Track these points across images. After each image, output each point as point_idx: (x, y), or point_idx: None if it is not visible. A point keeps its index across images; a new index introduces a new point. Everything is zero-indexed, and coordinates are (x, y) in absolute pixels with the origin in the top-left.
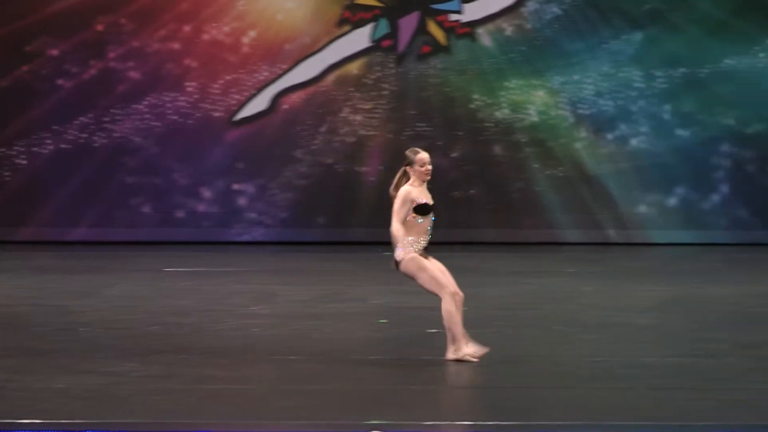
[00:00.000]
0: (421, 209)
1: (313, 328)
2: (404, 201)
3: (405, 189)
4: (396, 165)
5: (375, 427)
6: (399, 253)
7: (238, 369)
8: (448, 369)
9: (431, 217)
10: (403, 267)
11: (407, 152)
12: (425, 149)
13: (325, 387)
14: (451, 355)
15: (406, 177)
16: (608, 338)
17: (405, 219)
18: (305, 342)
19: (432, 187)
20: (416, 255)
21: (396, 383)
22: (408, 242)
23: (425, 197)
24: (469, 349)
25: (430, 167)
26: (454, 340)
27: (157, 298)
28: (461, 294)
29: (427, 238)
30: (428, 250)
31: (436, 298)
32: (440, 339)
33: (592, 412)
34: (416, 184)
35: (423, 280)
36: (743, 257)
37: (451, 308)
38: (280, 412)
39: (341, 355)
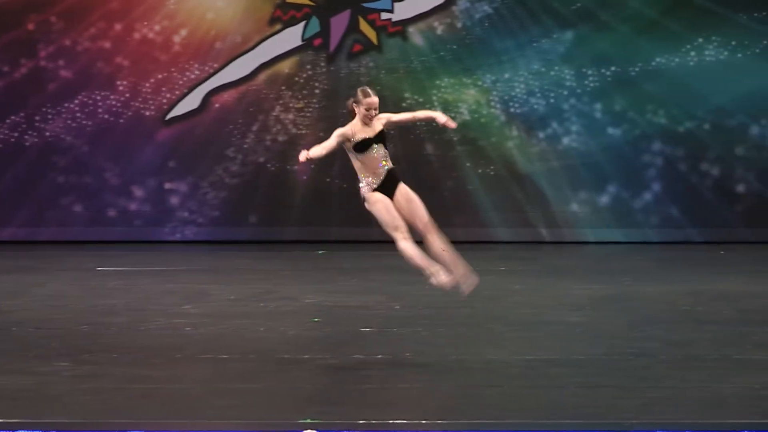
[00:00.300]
0: (358, 146)
1: (245, 327)
2: (333, 135)
3: (340, 128)
4: (326, 164)
5: (308, 426)
6: (361, 190)
7: (170, 368)
8: (381, 368)
9: (381, 149)
10: (366, 206)
11: (359, 89)
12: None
13: (257, 386)
14: (439, 278)
15: (352, 115)
16: (539, 336)
17: (329, 149)
18: (237, 341)
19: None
20: (373, 194)
21: (329, 382)
22: (366, 181)
23: (364, 134)
24: (444, 277)
25: (374, 111)
26: (428, 268)
27: (88, 298)
28: (424, 221)
29: (384, 169)
30: (393, 177)
31: (368, 298)
32: (373, 337)
33: (522, 410)
34: (358, 124)
35: (379, 220)
36: (674, 255)
37: (404, 247)
38: (212, 411)
39: (273, 354)
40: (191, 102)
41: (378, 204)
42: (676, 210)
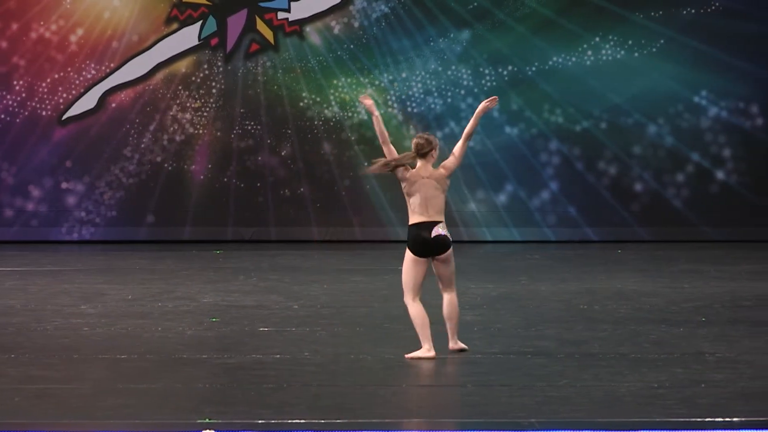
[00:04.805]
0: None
1: (143, 327)
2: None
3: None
4: (223, 163)
5: (206, 426)
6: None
7: (67, 368)
8: (280, 367)
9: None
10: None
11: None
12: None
13: (154, 386)
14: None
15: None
16: (436, 336)
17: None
18: (134, 341)
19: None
20: (408, 249)
21: (227, 382)
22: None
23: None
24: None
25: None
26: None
27: None
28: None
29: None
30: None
31: (266, 297)
32: (271, 337)
33: (420, 409)
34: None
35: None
36: (571, 254)
37: (411, 311)
38: (109, 411)
39: (171, 354)
40: (88, 102)
41: (407, 261)
42: (573, 209)
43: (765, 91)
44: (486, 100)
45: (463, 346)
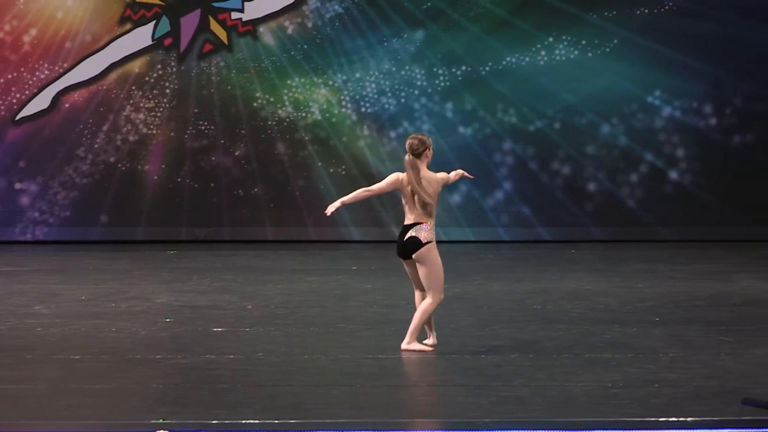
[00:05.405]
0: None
1: (97, 327)
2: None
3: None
4: (177, 163)
5: (160, 426)
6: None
7: (20, 369)
8: (234, 367)
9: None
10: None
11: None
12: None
13: (108, 386)
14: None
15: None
16: (390, 335)
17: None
18: (88, 341)
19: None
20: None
21: (181, 382)
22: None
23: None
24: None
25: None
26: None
27: None
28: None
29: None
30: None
31: (220, 297)
32: (225, 337)
33: (374, 409)
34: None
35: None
36: (525, 254)
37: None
38: (63, 411)
39: (125, 354)
40: (41, 102)
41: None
42: (527, 209)
43: (718, 90)
44: (463, 174)
45: (415, 347)
